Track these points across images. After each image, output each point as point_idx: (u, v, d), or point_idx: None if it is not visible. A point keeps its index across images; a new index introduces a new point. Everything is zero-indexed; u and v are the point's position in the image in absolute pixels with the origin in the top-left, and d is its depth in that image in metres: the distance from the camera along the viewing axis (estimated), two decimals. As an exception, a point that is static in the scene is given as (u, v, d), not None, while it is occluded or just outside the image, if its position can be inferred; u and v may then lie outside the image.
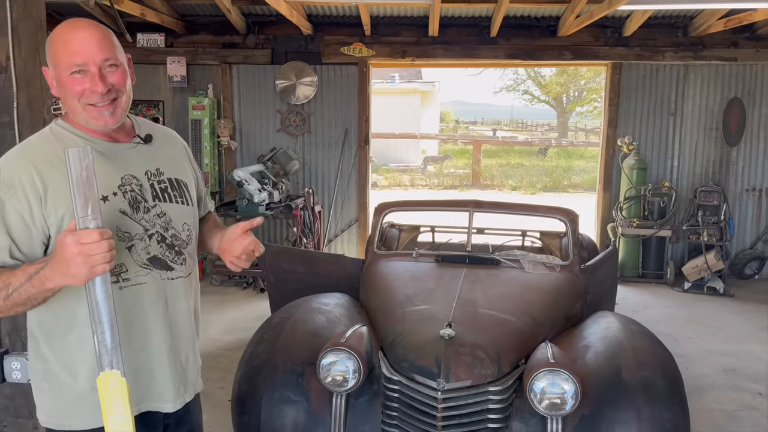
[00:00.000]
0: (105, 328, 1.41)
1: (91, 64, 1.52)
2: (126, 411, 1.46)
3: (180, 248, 1.71)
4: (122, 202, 1.59)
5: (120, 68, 1.58)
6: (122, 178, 1.61)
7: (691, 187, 7.03)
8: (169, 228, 1.68)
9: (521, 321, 3.03)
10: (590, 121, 30.08)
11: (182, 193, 1.75)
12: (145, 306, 1.62)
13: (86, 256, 1.33)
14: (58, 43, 1.53)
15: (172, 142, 1.85)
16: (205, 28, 7.08)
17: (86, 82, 1.52)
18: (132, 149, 1.67)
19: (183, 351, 1.74)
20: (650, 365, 2.74)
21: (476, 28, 6.96)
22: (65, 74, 1.52)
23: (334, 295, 3.61)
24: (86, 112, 1.55)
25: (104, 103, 1.55)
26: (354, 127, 7.20)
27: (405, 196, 14.39)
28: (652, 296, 6.42)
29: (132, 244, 1.60)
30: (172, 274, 1.68)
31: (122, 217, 1.58)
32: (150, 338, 1.64)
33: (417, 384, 2.59)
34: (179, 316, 1.71)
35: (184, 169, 1.81)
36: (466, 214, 4.19)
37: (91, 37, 1.52)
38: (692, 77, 6.96)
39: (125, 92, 1.60)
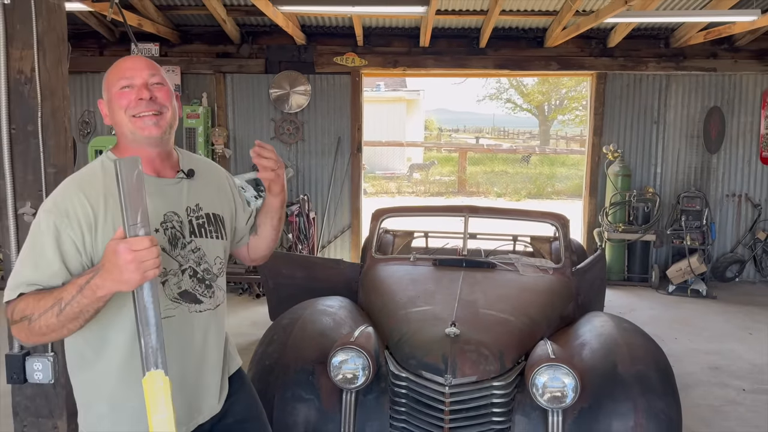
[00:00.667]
0: (152, 330, 1.47)
1: (137, 78, 1.63)
2: (169, 409, 1.52)
3: (210, 282, 1.76)
4: (162, 238, 1.64)
5: (166, 88, 1.68)
6: (165, 215, 1.66)
7: (674, 192, 7.26)
8: (201, 262, 1.73)
9: (520, 320, 3.17)
10: (571, 129, 30.54)
11: (218, 228, 1.80)
12: (172, 338, 1.63)
13: (138, 263, 1.38)
14: (111, 70, 1.67)
15: (214, 174, 1.90)
16: (200, 38, 7.17)
17: (132, 93, 1.62)
18: (175, 185, 1.73)
19: (205, 378, 1.77)
20: (644, 360, 2.89)
21: (466, 39, 7.14)
22: (115, 91, 1.63)
23: (336, 298, 3.72)
24: (132, 123, 1.62)
25: (149, 113, 1.62)
26: (347, 135, 7.34)
27: (393, 203, 14.53)
28: (638, 299, 6.61)
29: (166, 279, 1.65)
30: (199, 307, 1.72)
31: (161, 254, 1.59)
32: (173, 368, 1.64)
33: (425, 380, 2.72)
34: (206, 347, 1.75)
35: (224, 202, 1.87)
36: (457, 220, 4.34)
37: (141, 60, 1.66)
38: (674, 87, 7.21)
39: (170, 109, 1.67)
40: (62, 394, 2.68)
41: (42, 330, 1.46)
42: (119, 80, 1.63)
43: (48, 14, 2.50)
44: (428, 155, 23.53)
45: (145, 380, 1.49)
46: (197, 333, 1.73)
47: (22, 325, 1.48)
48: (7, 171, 2.51)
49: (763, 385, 4.41)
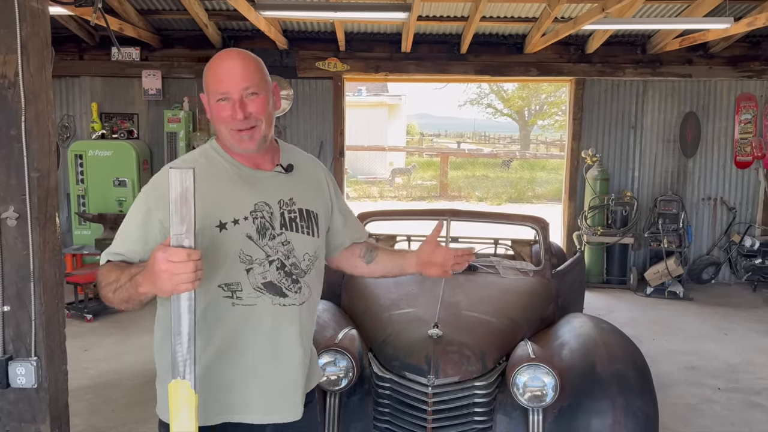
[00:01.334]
0: (183, 339, 1.47)
1: (233, 92, 1.63)
2: (191, 421, 1.51)
3: (297, 277, 1.75)
4: (251, 227, 1.67)
5: (260, 97, 1.66)
6: (255, 204, 1.70)
7: (651, 196, 7.40)
8: (290, 256, 1.74)
9: (501, 322, 3.23)
10: (551, 134, 30.88)
11: (310, 224, 1.81)
12: (250, 326, 1.68)
13: (171, 274, 1.38)
14: (209, 72, 1.69)
15: (314, 171, 1.91)
16: (181, 42, 7.16)
17: (228, 108, 1.64)
18: (272, 178, 1.76)
19: (285, 374, 1.75)
20: (621, 359, 2.96)
21: (447, 45, 7.22)
22: (213, 101, 1.66)
23: (320, 302, 3.74)
24: (230, 135, 1.67)
25: (245, 128, 1.65)
26: (329, 139, 7.37)
27: (375, 207, 14.57)
28: (616, 301, 6.73)
29: (251, 267, 1.68)
30: (284, 300, 1.72)
31: (247, 242, 1.66)
32: (248, 355, 1.70)
33: (408, 381, 2.76)
34: (283, 339, 1.74)
35: (319, 200, 1.87)
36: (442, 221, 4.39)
37: (235, 67, 1.64)
38: (651, 92, 7.36)
39: (264, 120, 1.69)
40: (45, 398, 2.67)
41: (108, 299, 1.59)
42: (216, 91, 1.65)
43: (32, 19, 2.50)
44: (410, 160, 23.63)
45: (171, 385, 1.50)
46: (280, 326, 1.72)
47: (99, 289, 1.63)
48: (-10, 175, 2.50)
49: (737, 384, 4.52)
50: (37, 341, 2.64)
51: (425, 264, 1.95)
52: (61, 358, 2.78)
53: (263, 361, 1.72)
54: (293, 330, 1.75)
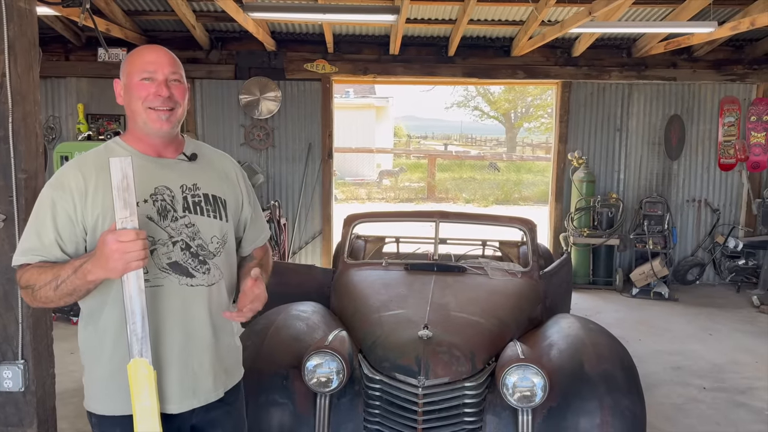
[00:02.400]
0: (137, 318, 1.58)
1: (159, 73, 1.75)
2: (152, 398, 1.60)
3: (205, 258, 1.82)
4: (151, 209, 1.75)
5: (182, 86, 1.80)
6: (156, 188, 1.77)
7: (636, 198, 7.47)
8: (196, 238, 1.81)
9: (490, 322, 3.24)
10: (537, 136, 31.06)
11: (217, 208, 1.87)
12: (160, 307, 1.74)
13: (122, 253, 1.51)
14: (134, 56, 1.78)
15: (223, 164, 1.98)
16: (168, 44, 7.03)
17: (152, 87, 1.74)
18: (174, 164, 1.84)
19: (196, 357, 1.81)
20: (609, 359, 2.99)
21: (435, 47, 7.25)
22: (135, 79, 1.74)
23: (309, 303, 3.73)
24: (146, 114, 1.74)
25: (164, 108, 1.74)
26: (317, 141, 7.36)
27: (363, 209, 14.58)
28: (603, 302, 6.78)
29: (154, 248, 1.74)
30: (192, 281, 1.78)
31: (148, 223, 1.73)
32: (162, 339, 1.75)
33: (398, 382, 2.76)
34: (195, 322, 1.80)
35: (226, 188, 1.93)
36: (428, 226, 4.41)
37: (165, 55, 1.78)
38: (636, 95, 7.43)
39: (182, 106, 1.81)
40: (32, 401, 2.64)
41: (42, 300, 1.65)
42: (142, 69, 1.74)
43: (19, 19, 2.49)
44: (398, 162, 23.66)
45: (129, 366, 1.61)
46: (188, 307, 1.79)
47: (27, 291, 1.67)
48: (-24, 176, 2.48)
49: (722, 383, 4.58)
50: (25, 344, 2.62)
51: None
52: (49, 361, 2.77)
53: (175, 344, 1.78)
54: (203, 311, 1.82)
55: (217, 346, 1.88)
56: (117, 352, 1.72)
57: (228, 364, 1.95)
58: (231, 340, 1.98)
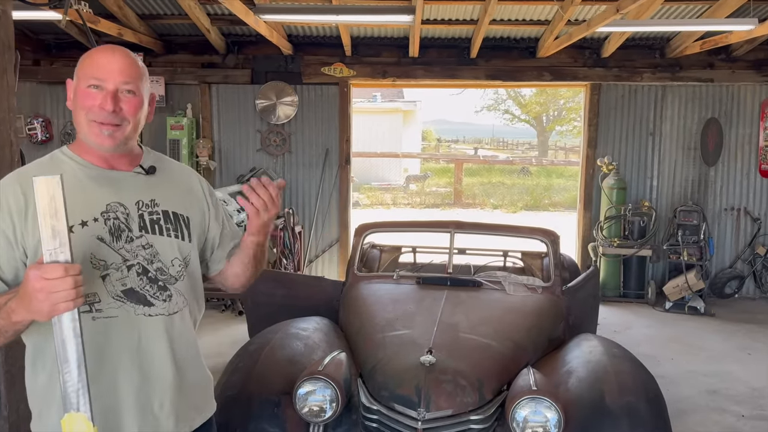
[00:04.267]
0: (72, 367, 1.32)
1: (109, 82, 1.51)
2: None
3: (165, 283, 1.61)
4: (102, 228, 1.53)
5: (137, 98, 1.56)
6: (107, 205, 1.55)
7: (670, 206, 7.08)
8: (154, 261, 1.59)
9: (503, 345, 2.98)
10: (569, 140, 30.42)
11: (178, 227, 1.66)
12: (114, 342, 1.53)
13: (48, 293, 1.26)
14: (87, 58, 1.55)
15: (185, 179, 1.77)
16: (184, 48, 7.02)
17: (98, 97, 1.51)
18: (129, 178, 1.62)
19: (156, 397, 1.59)
20: (633, 390, 2.70)
21: (456, 49, 6.99)
22: (82, 86, 1.52)
23: (312, 320, 3.53)
24: (88, 126, 1.53)
25: (108, 122, 1.52)
26: (335, 146, 7.17)
27: (387, 214, 14.36)
28: (633, 316, 6.41)
29: (107, 273, 1.52)
30: (150, 310, 1.57)
31: (99, 244, 1.51)
32: (118, 378, 1.54)
33: (397, 414, 2.52)
34: (154, 357, 1.58)
35: (190, 205, 1.72)
36: (446, 234, 4.15)
37: (119, 60, 1.53)
38: (670, 98, 7.05)
39: (131, 123, 1.57)
40: (5, 427, 2.49)
41: None
42: (90, 77, 1.52)
43: (-10, 20, 2.34)
44: (426, 166, 23.39)
45: (63, 421, 1.34)
46: (145, 339, 1.56)
47: None
48: (-55, 188, 2.33)
49: (763, 410, 4.20)
50: (-4, 367, 2.46)
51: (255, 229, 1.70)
52: (23, 385, 2.60)
53: (130, 384, 1.55)
54: (162, 345, 1.59)
55: (181, 384, 1.64)
56: None
57: (195, 401, 1.72)
58: (198, 374, 1.74)
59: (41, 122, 7.07)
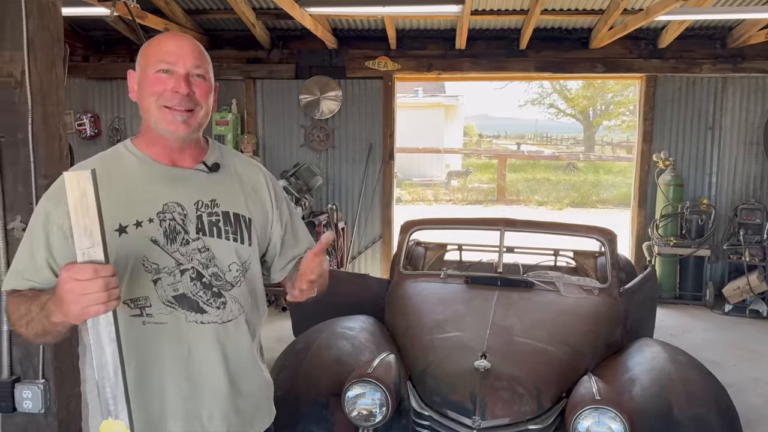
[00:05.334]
0: (109, 373, 1.25)
1: (179, 65, 1.45)
2: None
3: (220, 289, 1.51)
4: (157, 230, 1.45)
5: (207, 83, 1.50)
6: (164, 205, 1.47)
7: (730, 204, 6.73)
8: (210, 265, 1.50)
9: (560, 351, 2.84)
10: (617, 135, 29.61)
11: (238, 229, 1.55)
12: (163, 349, 1.45)
13: (78, 295, 1.19)
14: (153, 44, 1.49)
15: (251, 176, 1.66)
16: (230, 43, 7.03)
17: (170, 82, 1.45)
18: (190, 176, 1.53)
19: (206, 407, 1.51)
20: (703, 400, 2.53)
21: (505, 41, 6.79)
22: (151, 72, 1.46)
23: (358, 318, 3.45)
24: (160, 112, 1.45)
25: (181, 108, 1.45)
26: (378, 141, 7.07)
27: (429, 211, 14.22)
28: (690, 319, 6.12)
29: (159, 277, 1.45)
30: (202, 317, 1.48)
31: (153, 247, 1.44)
32: (166, 386, 1.46)
33: (450, 420, 2.42)
34: (204, 366, 1.50)
35: (253, 205, 1.61)
36: (493, 232, 4.01)
37: (188, 45, 1.49)
38: (731, 90, 6.69)
39: (204, 107, 1.51)
40: (54, 424, 2.46)
41: (23, 336, 1.38)
42: (158, 62, 1.45)
43: (39, 13, 2.30)
44: (467, 162, 23.10)
45: (102, 428, 1.29)
46: (195, 348, 1.48)
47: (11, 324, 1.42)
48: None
49: (838, 423, 3.93)
50: (46, 362, 2.43)
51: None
52: (73, 380, 2.58)
53: (178, 392, 1.46)
54: (214, 354, 1.49)
55: (234, 395, 1.55)
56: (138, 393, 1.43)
57: (250, 412, 1.61)
58: (255, 383, 1.63)
59: (90, 118, 7.18)
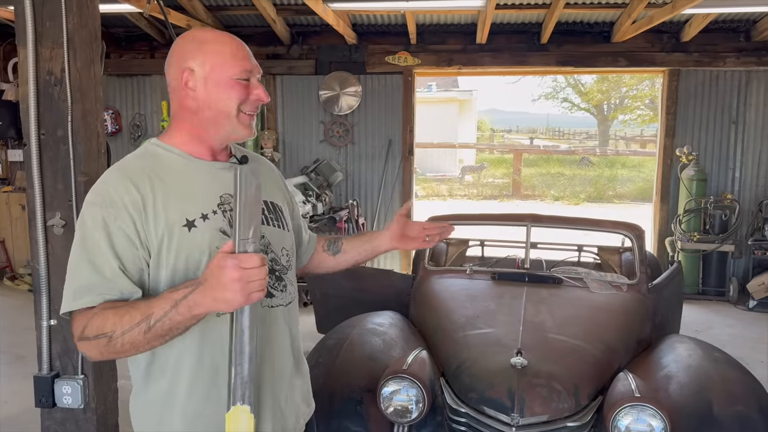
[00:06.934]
0: (245, 359, 1.30)
1: (256, 73, 1.50)
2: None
3: (280, 273, 1.56)
4: (222, 221, 1.45)
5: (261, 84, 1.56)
6: (221, 197, 1.48)
7: (755, 199, 6.66)
8: (268, 252, 1.53)
9: (595, 347, 2.81)
10: (631, 129, 29.35)
11: (279, 216, 1.61)
12: None
13: (245, 282, 1.22)
14: (217, 45, 1.46)
15: (266, 166, 1.73)
16: (249, 39, 7.00)
17: (253, 89, 1.48)
18: (229, 169, 1.54)
19: (283, 391, 1.55)
20: (744, 398, 2.50)
21: (526, 35, 6.75)
22: (226, 75, 1.44)
23: (386, 314, 3.44)
24: (239, 119, 1.47)
25: (253, 113, 1.51)
26: (398, 137, 7.05)
27: (444, 206, 14.19)
28: (714, 315, 6.07)
29: None
30: (272, 301, 1.52)
31: (222, 237, 1.43)
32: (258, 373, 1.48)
33: (487, 417, 2.40)
34: (280, 350, 1.55)
35: (278, 194, 1.68)
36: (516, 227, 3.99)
37: (246, 48, 1.51)
38: (755, 84, 6.61)
39: None
40: (93, 419, 2.49)
41: (124, 348, 1.31)
42: (240, 70, 1.45)
43: (79, 10, 2.31)
44: (481, 157, 23.01)
45: (228, 415, 1.32)
46: (270, 333, 1.52)
47: (97, 342, 1.31)
48: (36, 179, 2.34)
49: None
50: (85, 358, 2.47)
51: (400, 238, 1.84)
52: (111, 376, 2.61)
53: (266, 379, 1.49)
54: (284, 336, 1.56)
55: (297, 377, 1.62)
56: (190, 403, 1.43)
57: (305, 394, 1.69)
58: (306, 365, 1.72)
59: (111, 114, 7.22)
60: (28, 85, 2.26)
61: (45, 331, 2.40)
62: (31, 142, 2.30)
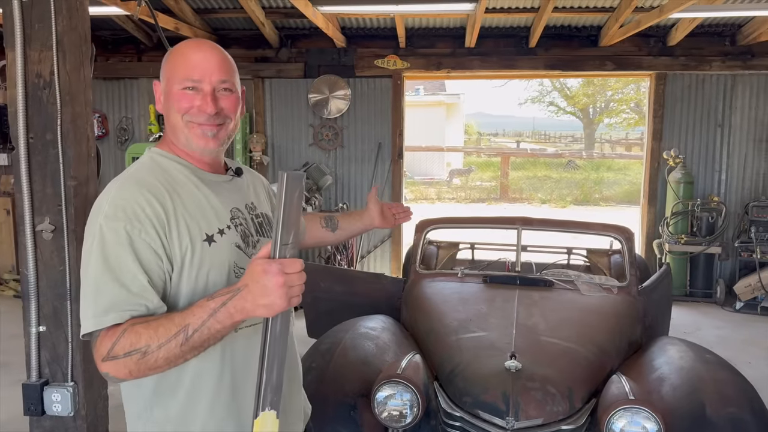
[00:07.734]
0: (275, 365, 1.27)
1: (206, 82, 1.41)
2: None
3: None
4: (236, 235, 1.45)
5: (234, 95, 1.47)
6: (231, 211, 1.48)
7: (740, 201, 6.73)
8: None
9: (588, 350, 2.82)
10: (617, 132, 29.59)
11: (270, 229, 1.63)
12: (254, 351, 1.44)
13: (288, 287, 1.21)
14: (177, 57, 1.44)
15: (256, 177, 1.72)
16: (238, 42, 7.00)
17: (197, 99, 1.41)
18: (230, 182, 1.54)
19: (292, 394, 1.59)
20: (736, 400, 2.52)
21: (514, 39, 6.78)
22: (176, 88, 1.41)
23: (378, 318, 3.43)
24: (188, 128, 1.43)
25: (211, 123, 1.43)
26: (387, 140, 7.05)
27: (432, 209, 14.20)
28: (702, 316, 6.12)
29: None
30: None
31: (238, 252, 1.43)
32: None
33: (482, 421, 2.40)
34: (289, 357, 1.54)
35: (267, 207, 1.68)
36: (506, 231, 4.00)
37: (213, 57, 1.43)
38: (740, 88, 6.69)
39: (233, 120, 1.48)
40: (83, 426, 2.45)
41: (158, 362, 1.25)
42: (184, 77, 1.40)
43: (68, 12, 2.28)
44: (468, 160, 23.07)
45: (257, 422, 1.29)
46: None
47: (128, 359, 1.24)
48: (24, 184, 2.30)
49: None
50: (75, 365, 2.42)
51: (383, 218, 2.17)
52: (101, 383, 2.57)
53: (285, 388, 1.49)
54: (289, 341, 1.56)
55: (297, 382, 1.65)
56: (211, 421, 1.40)
57: (305, 398, 1.74)
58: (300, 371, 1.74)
59: (97, 118, 7.15)
60: (16, 88, 2.22)
61: (34, 338, 2.36)
62: (20, 145, 2.26)
